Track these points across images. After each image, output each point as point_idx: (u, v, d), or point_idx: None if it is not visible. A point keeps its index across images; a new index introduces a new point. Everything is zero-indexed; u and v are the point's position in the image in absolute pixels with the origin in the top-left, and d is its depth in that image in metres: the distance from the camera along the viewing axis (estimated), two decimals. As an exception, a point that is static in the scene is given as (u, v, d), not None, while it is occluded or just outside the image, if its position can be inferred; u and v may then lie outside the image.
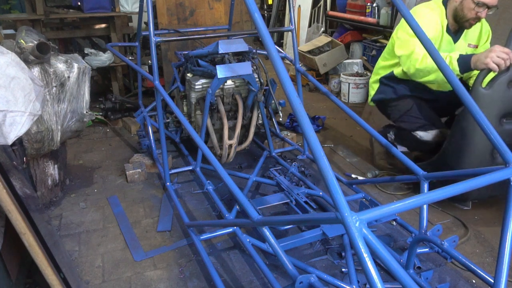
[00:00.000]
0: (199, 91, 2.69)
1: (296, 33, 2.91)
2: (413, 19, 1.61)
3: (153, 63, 2.34)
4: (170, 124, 3.32)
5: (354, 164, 3.12)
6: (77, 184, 2.86)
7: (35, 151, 2.32)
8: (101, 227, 2.36)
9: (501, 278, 1.21)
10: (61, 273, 1.50)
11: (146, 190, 2.77)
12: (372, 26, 4.79)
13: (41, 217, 1.87)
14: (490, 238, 2.21)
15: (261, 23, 1.19)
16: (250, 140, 2.75)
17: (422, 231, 1.79)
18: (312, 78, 2.70)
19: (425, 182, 1.88)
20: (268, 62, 4.75)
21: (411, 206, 1.07)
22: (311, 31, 6.19)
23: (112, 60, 4.30)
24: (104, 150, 3.44)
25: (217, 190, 2.54)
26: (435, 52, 1.57)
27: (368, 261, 0.88)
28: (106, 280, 1.95)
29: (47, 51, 2.24)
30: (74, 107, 2.48)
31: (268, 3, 8.54)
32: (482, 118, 1.44)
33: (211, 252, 2.13)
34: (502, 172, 1.28)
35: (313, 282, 1.52)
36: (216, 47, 2.51)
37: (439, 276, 1.93)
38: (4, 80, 1.71)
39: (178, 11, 3.87)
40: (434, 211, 2.46)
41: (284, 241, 1.95)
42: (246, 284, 1.90)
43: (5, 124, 1.69)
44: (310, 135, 1.03)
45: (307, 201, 2.27)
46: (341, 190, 0.96)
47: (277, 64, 1.13)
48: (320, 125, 3.82)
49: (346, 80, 4.60)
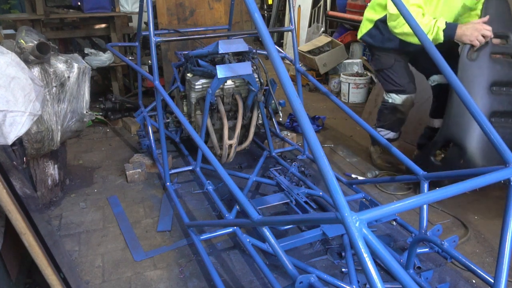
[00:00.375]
0: (199, 91, 2.69)
1: (296, 33, 2.91)
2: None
3: (153, 63, 2.35)
4: (170, 124, 3.31)
5: (354, 164, 3.12)
6: (77, 184, 2.86)
7: (35, 151, 2.32)
8: (101, 227, 2.36)
9: (501, 278, 1.21)
10: (61, 273, 1.50)
11: (146, 190, 2.77)
12: (372, 26, 4.78)
13: (41, 217, 1.87)
14: (490, 238, 2.21)
15: (261, 23, 1.19)
16: (250, 140, 2.75)
17: (422, 231, 1.79)
18: (312, 78, 2.70)
19: (425, 182, 1.88)
20: (268, 62, 4.75)
21: (411, 206, 1.08)
22: (311, 31, 6.19)
23: (112, 60, 4.30)
24: (104, 150, 3.44)
25: (217, 190, 2.55)
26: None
27: (368, 261, 0.88)
28: (106, 280, 1.95)
29: (47, 51, 2.24)
30: (74, 107, 2.48)
31: (268, 3, 8.54)
32: (481, 117, 1.44)
33: (211, 252, 2.13)
34: (502, 172, 1.28)
35: (313, 282, 1.52)
36: (216, 47, 2.51)
37: (439, 276, 1.93)
38: (4, 80, 1.71)
39: (178, 11, 3.87)
40: (434, 211, 2.46)
41: (284, 241, 1.95)
42: (246, 284, 1.90)
43: (5, 124, 1.69)
44: (310, 135, 1.03)
45: (307, 201, 2.27)
46: (341, 190, 0.96)
47: (277, 64, 1.13)
48: (320, 125, 3.82)
49: (346, 80, 4.60)
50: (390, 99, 2.79)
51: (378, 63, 2.81)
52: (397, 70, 2.70)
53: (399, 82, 2.71)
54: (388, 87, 2.78)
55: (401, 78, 2.71)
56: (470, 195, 2.61)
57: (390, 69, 2.73)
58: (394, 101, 2.77)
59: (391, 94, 2.77)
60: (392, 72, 2.72)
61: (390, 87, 2.77)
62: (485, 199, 2.56)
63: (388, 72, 2.74)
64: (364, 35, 2.80)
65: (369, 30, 2.75)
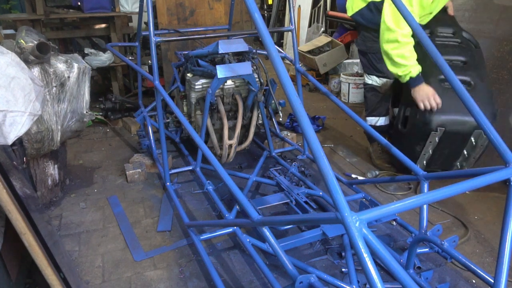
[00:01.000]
0: (199, 91, 2.69)
1: (296, 33, 2.91)
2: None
3: (153, 63, 2.34)
4: (170, 124, 3.31)
5: (354, 164, 3.12)
6: (77, 184, 2.86)
7: (35, 151, 2.32)
8: (101, 227, 2.36)
9: (501, 278, 1.21)
10: (61, 273, 1.50)
11: (146, 190, 2.77)
12: (372, 26, 4.78)
13: (41, 217, 1.87)
14: (490, 238, 2.21)
15: (261, 23, 1.19)
16: (250, 140, 2.75)
17: (422, 231, 1.79)
18: (312, 78, 2.70)
19: (425, 182, 1.88)
20: (268, 62, 4.76)
21: (411, 206, 1.08)
22: (311, 31, 6.19)
23: (112, 60, 4.30)
24: (104, 150, 3.44)
25: (217, 190, 2.54)
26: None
27: (368, 261, 0.88)
28: (106, 280, 1.95)
29: (47, 51, 2.24)
30: (74, 107, 2.48)
31: (268, 3, 8.54)
32: (481, 117, 1.44)
33: (211, 252, 2.13)
34: (502, 172, 1.28)
35: (313, 282, 1.52)
36: (216, 47, 2.51)
37: (439, 276, 1.93)
38: (4, 80, 1.71)
39: (178, 11, 3.87)
40: (434, 211, 2.46)
41: (284, 241, 1.95)
42: (246, 284, 1.90)
43: (5, 124, 1.69)
44: (310, 135, 1.03)
45: (307, 201, 2.27)
46: (341, 190, 0.96)
47: (277, 64, 1.13)
48: (320, 125, 3.82)
49: (346, 80, 4.60)
50: (370, 81, 2.93)
51: (363, 46, 2.88)
52: (380, 57, 2.69)
53: (380, 69, 2.81)
54: (369, 70, 2.92)
55: (383, 65, 2.70)
56: (470, 195, 2.61)
57: (373, 55, 2.82)
58: (373, 82, 2.91)
59: (372, 76, 2.91)
60: (375, 58, 2.81)
61: (369, 70, 2.91)
62: (485, 199, 2.56)
63: (371, 56, 2.84)
64: (355, 13, 2.83)
65: (361, 9, 2.78)
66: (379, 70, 2.84)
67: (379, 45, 2.59)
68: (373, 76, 2.91)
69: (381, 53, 2.58)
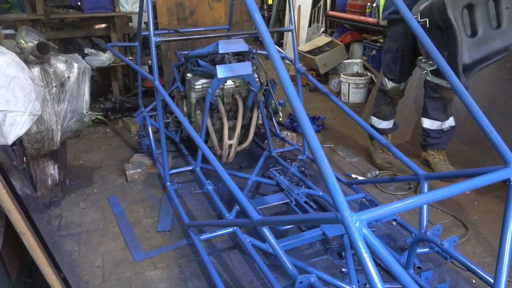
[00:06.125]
0: (199, 91, 2.69)
1: (296, 33, 2.91)
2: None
3: (153, 63, 2.35)
4: (170, 124, 3.32)
5: (354, 164, 3.12)
6: (77, 184, 2.86)
7: (35, 151, 2.32)
8: (101, 227, 2.36)
9: (501, 278, 1.21)
10: (61, 273, 1.50)
11: (146, 190, 2.77)
12: (372, 26, 4.78)
13: (41, 217, 1.87)
14: (490, 238, 2.21)
15: (261, 23, 1.19)
16: (250, 140, 2.75)
17: (422, 231, 1.79)
18: (312, 78, 2.70)
19: (425, 182, 1.88)
20: (268, 62, 4.75)
21: (411, 206, 1.08)
22: (311, 31, 6.19)
23: (112, 60, 4.30)
24: (104, 150, 3.44)
25: (217, 190, 2.54)
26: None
27: (368, 261, 0.88)
28: (106, 280, 1.95)
29: (47, 51, 2.24)
30: (74, 107, 2.48)
31: (268, 3, 8.54)
32: (481, 117, 1.44)
33: (211, 252, 2.13)
34: (502, 172, 1.28)
35: (313, 282, 1.52)
36: (216, 47, 2.51)
37: (439, 276, 1.93)
38: (4, 80, 1.71)
39: (178, 11, 3.87)
40: (434, 211, 2.46)
41: (284, 241, 1.95)
42: (246, 284, 1.90)
43: (5, 124, 1.69)
44: (310, 135, 1.03)
45: (307, 201, 2.27)
46: (341, 190, 0.96)
47: (277, 64, 1.13)
48: (320, 125, 3.82)
49: (346, 80, 4.60)
50: (384, 81, 2.95)
51: (385, 44, 2.92)
52: (395, 58, 2.79)
53: (393, 70, 2.83)
54: (383, 70, 2.94)
55: (397, 67, 2.80)
56: (470, 195, 2.61)
57: (391, 54, 2.82)
58: (385, 85, 2.93)
59: (384, 78, 2.93)
60: (391, 58, 2.82)
61: (384, 71, 2.91)
62: (485, 199, 2.56)
63: (388, 56, 2.85)
64: (384, 12, 2.83)
65: (385, 2, 2.83)
66: (391, 71, 2.83)
67: (397, 45, 2.73)
68: (385, 78, 2.91)
69: (398, 53, 2.70)
